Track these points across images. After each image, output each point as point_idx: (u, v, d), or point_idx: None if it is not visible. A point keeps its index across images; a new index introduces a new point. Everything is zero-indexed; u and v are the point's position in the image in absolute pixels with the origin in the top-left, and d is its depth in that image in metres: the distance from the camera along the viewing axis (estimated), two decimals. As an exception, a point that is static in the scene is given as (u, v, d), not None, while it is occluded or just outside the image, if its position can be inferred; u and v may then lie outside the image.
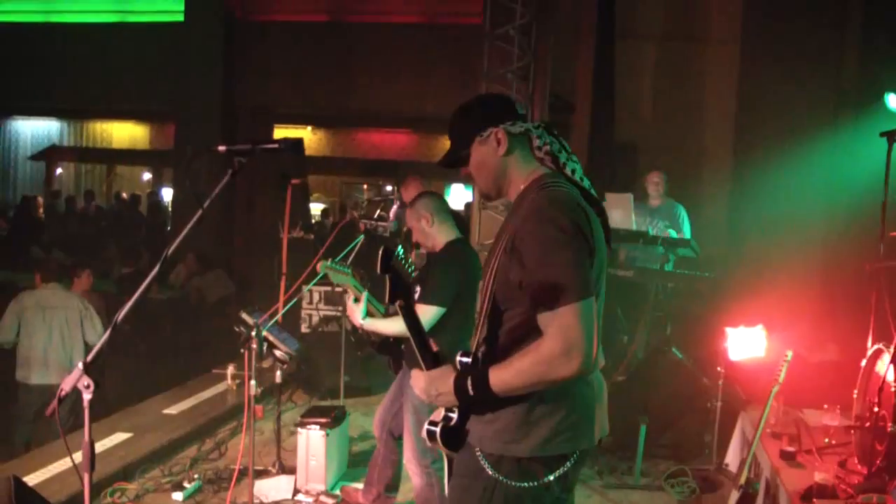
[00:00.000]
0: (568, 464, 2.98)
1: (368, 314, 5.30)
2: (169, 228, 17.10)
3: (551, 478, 2.95)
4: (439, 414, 3.12)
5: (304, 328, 10.20)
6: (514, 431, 2.93)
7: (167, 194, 19.69)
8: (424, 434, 3.13)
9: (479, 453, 2.99)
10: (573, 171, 3.11)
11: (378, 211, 6.42)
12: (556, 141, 3.14)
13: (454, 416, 3.07)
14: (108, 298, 11.67)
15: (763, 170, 10.13)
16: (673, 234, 8.97)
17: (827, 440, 6.06)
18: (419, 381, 3.07)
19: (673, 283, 8.61)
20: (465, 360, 3.08)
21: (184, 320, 12.29)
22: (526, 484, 2.94)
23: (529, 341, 2.85)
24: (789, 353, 5.52)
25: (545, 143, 3.10)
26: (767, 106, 10.73)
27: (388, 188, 18.69)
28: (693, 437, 7.46)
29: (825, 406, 6.62)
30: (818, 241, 9.61)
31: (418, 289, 5.24)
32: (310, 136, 19.60)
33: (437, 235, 5.27)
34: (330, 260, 5.55)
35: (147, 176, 24.35)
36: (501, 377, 2.84)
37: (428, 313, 5.03)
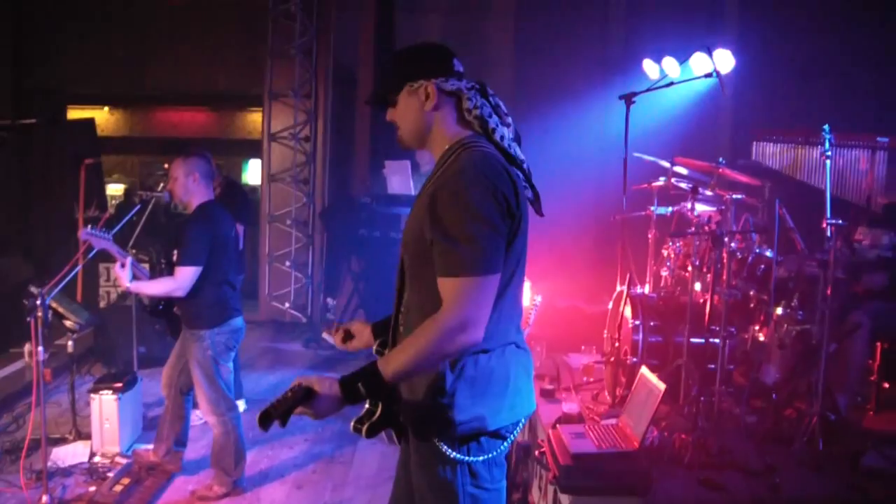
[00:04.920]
0: (520, 425, 3.03)
1: (135, 278, 5.67)
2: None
3: (507, 443, 2.98)
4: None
5: (102, 304, 10.38)
6: (473, 409, 2.85)
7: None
8: (352, 431, 2.96)
9: (437, 441, 2.88)
10: (501, 138, 2.99)
11: (162, 184, 6.72)
12: (488, 104, 3.03)
13: (377, 409, 2.94)
14: None
15: (541, 133, 10.81)
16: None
17: (585, 378, 6.70)
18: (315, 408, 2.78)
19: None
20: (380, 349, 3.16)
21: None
22: (491, 455, 2.93)
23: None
24: (538, 298, 6.11)
25: (476, 107, 2.98)
26: (542, 74, 11.45)
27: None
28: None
29: (582, 347, 7.30)
30: (591, 197, 10.33)
31: (175, 253, 5.67)
32: (107, 117, 19.37)
33: (196, 194, 5.73)
34: (90, 226, 5.88)
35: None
36: (396, 366, 2.74)
37: (186, 274, 5.50)
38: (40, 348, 5.46)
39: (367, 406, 2.97)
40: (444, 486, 2.92)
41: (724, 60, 7.25)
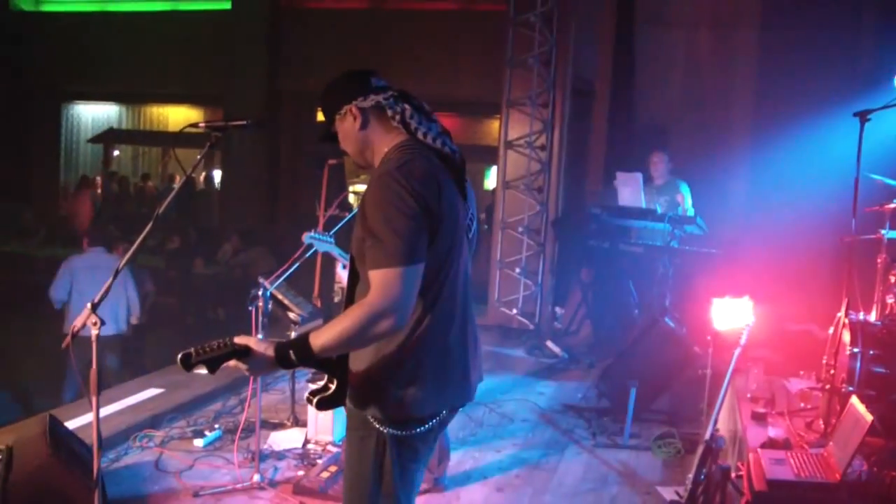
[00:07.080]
0: (443, 414, 3.32)
1: None
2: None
3: (427, 427, 3.27)
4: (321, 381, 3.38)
5: (336, 300, 10.76)
6: (392, 397, 3.19)
7: (217, 175, 20.30)
8: (305, 401, 3.43)
9: (366, 413, 3.23)
10: (425, 134, 3.29)
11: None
12: (409, 107, 3.31)
13: (333, 385, 3.31)
14: (157, 271, 12.37)
15: (781, 149, 10.52)
16: (678, 210, 9.43)
17: (801, 404, 6.47)
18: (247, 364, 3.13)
19: (679, 259, 9.05)
20: None
21: (228, 295, 12.84)
22: (411, 432, 3.25)
23: None
24: (751, 319, 5.93)
25: (397, 113, 3.28)
26: (786, 88, 11.14)
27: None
28: (688, 404, 7.80)
29: (801, 373, 7.04)
30: (831, 218, 9.94)
31: None
32: (354, 120, 20.13)
33: None
34: (314, 230, 6.10)
35: (200, 158, 24.90)
36: (323, 340, 3.03)
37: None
38: (259, 336, 5.73)
39: (324, 382, 3.35)
40: (362, 451, 3.28)
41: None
